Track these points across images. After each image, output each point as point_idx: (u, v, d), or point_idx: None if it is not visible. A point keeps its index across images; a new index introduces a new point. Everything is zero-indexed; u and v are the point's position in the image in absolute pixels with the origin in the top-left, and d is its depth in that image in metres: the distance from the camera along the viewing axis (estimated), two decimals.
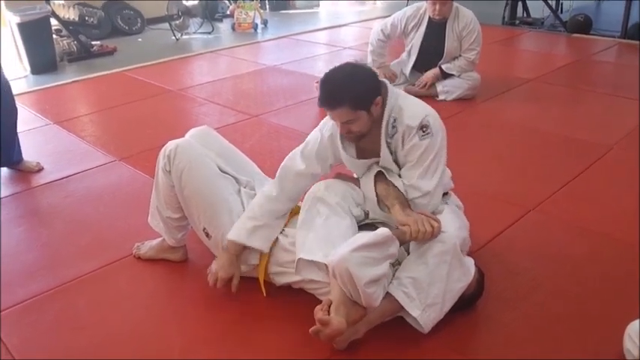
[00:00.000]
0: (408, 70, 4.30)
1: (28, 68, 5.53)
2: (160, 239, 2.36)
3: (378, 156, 2.00)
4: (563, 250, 2.37)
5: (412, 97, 2.03)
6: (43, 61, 5.57)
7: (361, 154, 2.04)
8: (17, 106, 3.23)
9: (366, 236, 1.72)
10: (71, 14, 6.05)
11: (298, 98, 4.37)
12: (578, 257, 2.31)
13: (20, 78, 5.38)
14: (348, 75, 1.87)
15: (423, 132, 1.88)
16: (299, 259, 1.89)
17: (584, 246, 2.39)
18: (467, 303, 1.96)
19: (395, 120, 1.93)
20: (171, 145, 2.14)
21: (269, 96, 4.54)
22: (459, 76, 4.15)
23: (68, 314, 2.10)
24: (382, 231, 1.73)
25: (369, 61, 4.31)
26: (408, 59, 4.30)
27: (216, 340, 1.95)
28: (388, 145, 1.96)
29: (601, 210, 2.66)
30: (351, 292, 1.73)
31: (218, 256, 2.12)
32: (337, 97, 1.85)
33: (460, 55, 4.12)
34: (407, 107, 1.93)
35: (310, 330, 1.72)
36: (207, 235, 2.17)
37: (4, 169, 3.25)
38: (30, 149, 3.43)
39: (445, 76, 4.16)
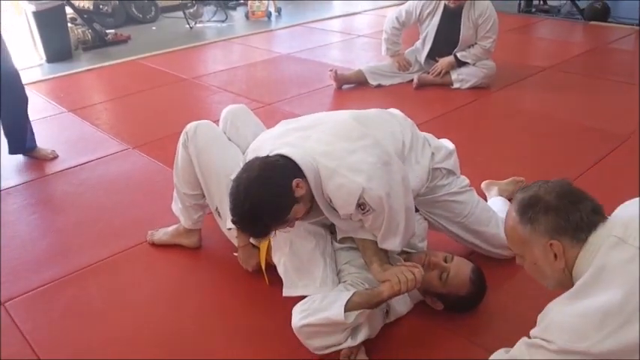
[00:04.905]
0: (422, 58, 4.26)
1: (44, 56, 5.56)
2: (175, 225, 2.37)
3: (318, 216, 1.82)
4: None
5: (334, 174, 1.65)
6: (58, 49, 5.59)
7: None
8: (32, 94, 3.27)
9: (320, 313, 1.65)
10: (86, 3, 6.09)
11: (312, 86, 4.35)
12: None
13: (35, 66, 5.42)
14: (254, 204, 1.59)
15: (362, 210, 1.66)
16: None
17: None
18: (467, 305, 1.92)
19: (331, 201, 1.71)
20: (193, 123, 2.20)
21: (282, 84, 4.53)
22: (474, 64, 4.10)
23: (82, 301, 2.12)
24: (336, 314, 1.62)
25: (383, 49, 4.29)
26: (422, 47, 4.25)
27: (231, 326, 1.96)
28: (333, 211, 1.76)
29: (616, 200, 2.60)
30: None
31: (239, 250, 2.17)
32: (261, 231, 1.67)
33: (476, 43, 4.07)
34: (334, 196, 1.67)
35: None
36: (219, 214, 2.19)
37: (20, 157, 3.28)
38: (45, 137, 3.45)
39: (460, 64, 4.11)
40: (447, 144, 2.14)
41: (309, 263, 1.82)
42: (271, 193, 1.60)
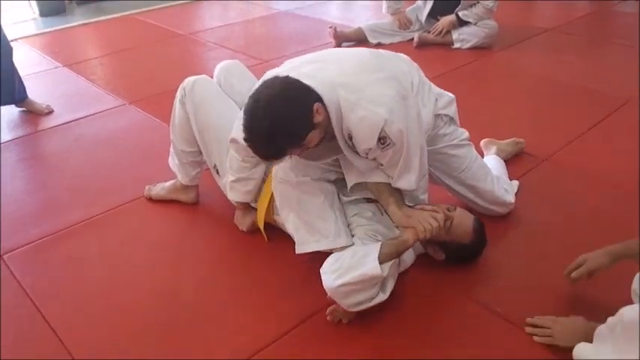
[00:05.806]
0: (423, 16, 4.19)
1: (37, 11, 5.45)
2: (173, 181, 2.36)
3: (332, 155, 1.77)
4: (575, 201, 2.34)
5: (355, 106, 1.58)
6: (51, 3, 5.46)
7: (309, 158, 1.77)
8: (26, 48, 3.22)
9: (354, 270, 1.62)
10: None
11: (311, 44, 4.29)
12: (590, 208, 2.29)
13: (29, 20, 5.31)
14: (273, 121, 1.50)
15: (382, 144, 1.60)
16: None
17: (596, 197, 2.36)
18: (468, 254, 1.95)
19: (350, 136, 1.64)
20: (190, 79, 2.16)
21: (281, 41, 4.47)
22: (475, 24, 4.03)
23: (80, 254, 2.13)
24: (372, 267, 1.61)
25: (383, 7, 4.21)
26: (424, 5, 4.18)
27: (227, 280, 1.98)
28: (351, 147, 1.70)
29: (615, 162, 2.61)
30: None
31: (236, 211, 2.19)
32: (275, 152, 1.57)
33: (478, 2, 3.99)
34: (356, 129, 1.60)
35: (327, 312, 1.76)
36: (217, 172, 2.18)
37: (14, 112, 3.24)
38: (39, 92, 3.41)
39: (461, 23, 4.04)
40: (447, 93, 2.13)
41: (319, 218, 1.80)
42: (292, 113, 1.51)
